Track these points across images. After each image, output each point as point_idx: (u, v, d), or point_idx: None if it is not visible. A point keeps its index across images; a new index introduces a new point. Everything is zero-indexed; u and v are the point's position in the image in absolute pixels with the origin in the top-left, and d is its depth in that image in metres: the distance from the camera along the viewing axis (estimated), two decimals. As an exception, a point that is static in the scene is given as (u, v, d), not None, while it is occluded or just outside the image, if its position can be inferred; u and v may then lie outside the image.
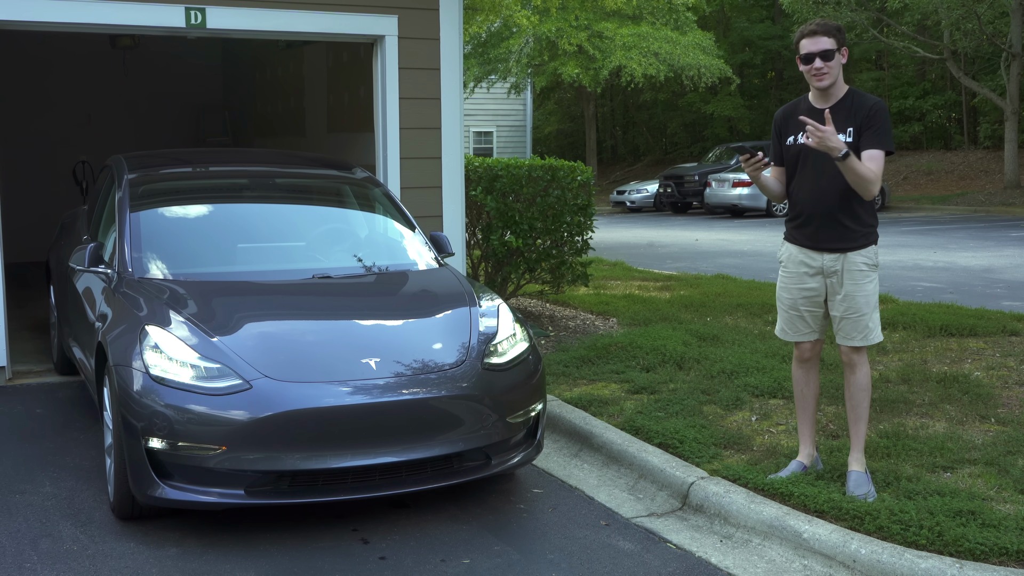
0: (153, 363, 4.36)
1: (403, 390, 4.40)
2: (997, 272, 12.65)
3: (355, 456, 4.28)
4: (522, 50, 28.40)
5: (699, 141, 40.05)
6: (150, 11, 7.05)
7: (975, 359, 6.84)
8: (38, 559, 4.19)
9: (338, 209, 6.45)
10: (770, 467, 4.91)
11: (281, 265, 5.63)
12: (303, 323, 5.01)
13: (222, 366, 4.33)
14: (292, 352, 4.53)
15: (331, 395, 4.29)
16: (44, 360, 7.63)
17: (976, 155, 31.31)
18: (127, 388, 4.37)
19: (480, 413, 4.54)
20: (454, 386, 4.50)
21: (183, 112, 13.77)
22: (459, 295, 5.25)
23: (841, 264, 4.53)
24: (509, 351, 4.82)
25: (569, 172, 9.47)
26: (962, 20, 26.13)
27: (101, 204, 6.35)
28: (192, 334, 4.52)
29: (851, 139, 4.45)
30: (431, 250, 5.97)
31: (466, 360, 4.63)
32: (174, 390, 4.26)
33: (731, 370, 6.59)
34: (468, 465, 4.57)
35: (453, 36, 7.90)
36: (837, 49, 4.48)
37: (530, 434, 4.84)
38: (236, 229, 5.90)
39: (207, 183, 6.40)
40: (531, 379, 4.82)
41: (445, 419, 4.47)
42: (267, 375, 4.30)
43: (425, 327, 5.00)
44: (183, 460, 4.22)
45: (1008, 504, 4.39)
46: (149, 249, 5.41)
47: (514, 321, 5.07)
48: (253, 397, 4.22)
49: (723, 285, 10.82)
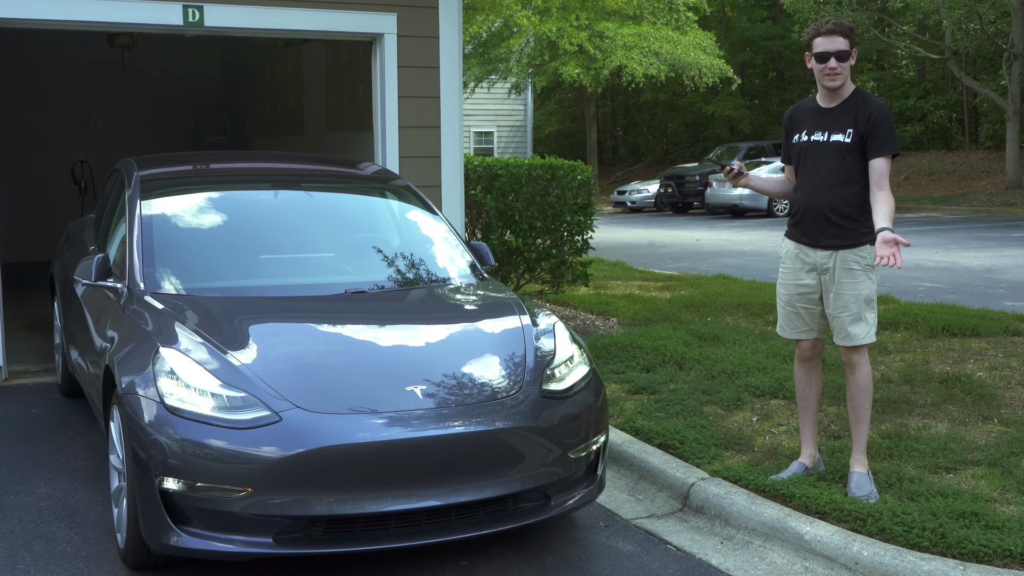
0: (168, 391, 3.84)
1: (453, 422, 3.87)
2: (999, 272, 12.61)
3: (399, 499, 3.75)
4: (523, 50, 28.37)
5: (700, 141, 40.06)
6: (148, 9, 7.02)
7: (977, 359, 6.80)
8: (32, 561, 4.15)
9: (369, 216, 5.86)
10: (771, 468, 4.88)
11: (310, 279, 5.09)
12: (337, 345, 4.43)
13: (247, 395, 3.82)
14: (326, 379, 4.02)
15: (372, 429, 3.78)
16: (41, 360, 7.59)
17: (977, 155, 31.28)
18: (138, 419, 3.85)
19: (539, 447, 4.01)
20: (511, 417, 3.98)
21: (182, 111, 13.75)
22: (509, 312, 4.69)
23: (833, 262, 4.52)
24: (568, 376, 4.30)
25: (569, 171, 9.44)
26: (963, 20, 26.10)
27: (109, 212, 5.87)
28: (212, 358, 4.00)
29: (849, 139, 4.46)
30: (473, 261, 5.45)
31: (523, 387, 4.11)
32: (192, 423, 3.74)
33: (732, 370, 6.56)
34: (525, 507, 4.05)
35: (452, 34, 7.87)
36: (850, 50, 4.48)
37: (590, 470, 4.31)
38: (258, 238, 5.33)
39: (225, 188, 5.79)
40: (593, 407, 4.29)
41: (500, 455, 3.94)
42: (299, 405, 3.79)
43: (474, 349, 4.41)
44: (203, 503, 3.70)
45: (1012, 506, 4.35)
46: (163, 261, 4.87)
47: (572, 341, 4.55)
48: (283, 431, 3.71)
49: (724, 285, 10.79)
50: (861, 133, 4.44)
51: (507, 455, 3.96)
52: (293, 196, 5.82)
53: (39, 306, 9.43)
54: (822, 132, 4.55)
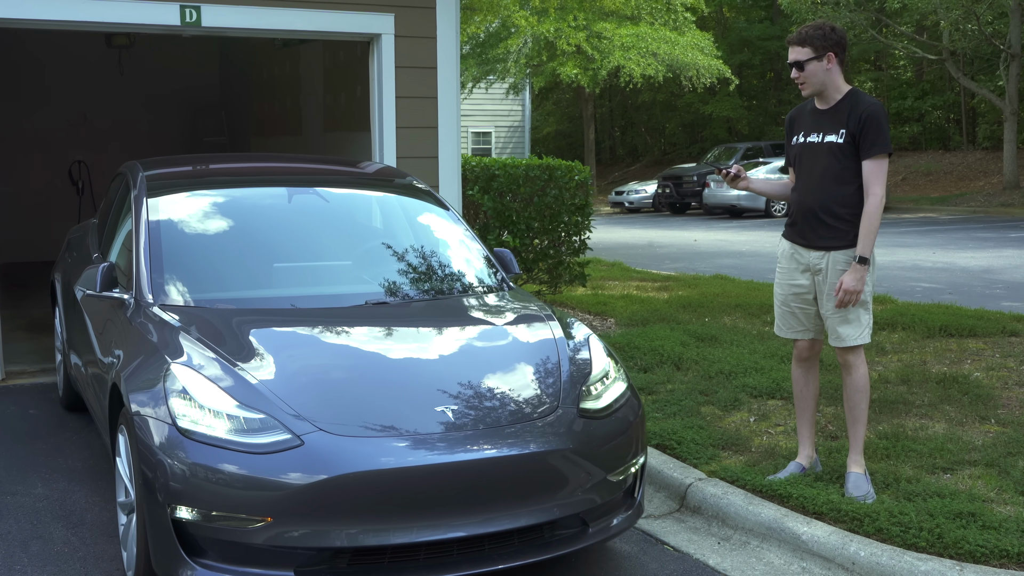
0: (181, 412, 3.59)
1: (487, 446, 3.63)
2: (996, 273, 12.62)
3: (429, 528, 3.50)
4: (520, 50, 28.38)
5: (698, 142, 40.07)
6: (145, 9, 7.01)
7: (975, 360, 6.80)
8: (28, 561, 4.15)
9: (386, 220, 5.55)
10: (768, 468, 4.88)
11: (327, 289, 4.82)
12: (360, 361, 4.13)
13: (266, 416, 3.57)
14: (351, 398, 3.77)
15: (401, 453, 3.53)
16: (38, 360, 7.59)
17: (975, 156, 31.30)
18: (148, 443, 3.59)
19: (577, 471, 3.77)
20: (547, 439, 3.74)
21: (179, 111, 13.74)
22: (541, 325, 4.44)
23: (826, 262, 4.53)
24: (605, 393, 4.06)
25: (567, 172, 9.44)
26: (961, 20, 26.11)
27: (114, 218, 5.59)
28: (227, 375, 3.75)
29: (841, 140, 4.47)
30: (498, 270, 5.17)
31: (559, 406, 3.86)
32: (207, 446, 3.48)
33: (729, 371, 6.56)
34: (562, 534, 3.81)
35: (450, 35, 7.87)
36: (815, 57, 4.46)
37: (628, 493, 4.08)
38: (272, 245, 5.05)
39: (236, 192, 5.47)
40: (632, 427, 4.04)
41: (537, 480, 3.70)
42: (322, 428, 3.54)
43: (506, 366, 4.15)
44: (219, 534, 3.46)
45: (1008, 506, 4.35)
46: (171, 270, 4.59)
47: (607, 355, 4.31)
48: (305, 456, 3.46)
49: (721, 285, 10.79)
50: (853, 133, 4.44)
51: (544, 480, 3.72)
52: (306, 200, 5.49)
53: (36, 306, 9.43)
54: (817, 133, 4.56)
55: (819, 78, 4.49)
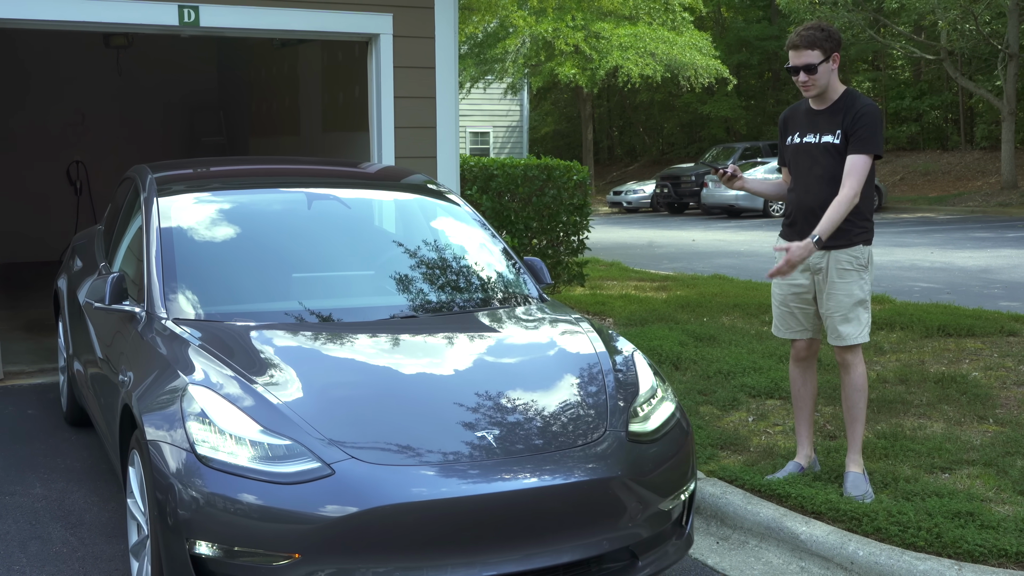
0: (199, 437, 3.32)
1: (532, 474, 3.37)
2: (994, 272, 12.63)
3: (469, 565, 3.24)
4: (518, 50, 28.38)
5: (696, 142, 40.09)
6: (143, 9, 7.01)
7: (973, 359, 6.81)
8: (27, 561, 4.15)
9: (413, 228, 5.22)
10: (767, 468, 4.88)
11: (350, 301, 4.51)
12: (392, 380, 3.81)
13: (292, 442, 3.30)
14: (383, 422, 3.49)
15: (439, 483, 3.26)
16: (36, 361, 7.58)
17: (973, 156, 31.32)
18: (164, 471, 3.32)
19: (627, 501, 3.50)
20: (596, 466, 3.47)
21: (177, 111, 13.74)
22: (582, 340, 4.18)
23: (826, 262, 4.53)
24: (654, 414, 3.80)
25: (565, 171, 9.45)
26: (959, 20, 26.14)
27: (122, 225, 5.29)
28: (249, 396, 3.49)
29: (838, 140, 4.47)
30: (530, 280, 4.89)
31: (607, 430, 3.61)
32: (228, 476, 3.22)
33: (728, 370, 6.56)
34: (610, 568, 3.53)
35: (448, 35, 7.88)
36: (824, 60, 4.46)
37: (678, 522, 3.80)
38: (290, 254, 4.76)
39: (252, 197, 5.16)
40: (682, 450, 3.78)
41: (585, 511, 3.42)
42: (353, 455, 3.27)
43: (549, 385, 3.86)
44: (242, 571, 3.21)
45: (1007, 505, 4.36)
46: (185, 281, 4.31)
47: (653, 372, 4.06)
48: (337, 486, 3.19)
49: (720, 285, 10.79)
50: (847, 133, 4.45)
51: (592, 511, 3.44)
52: (325, 205, 5.16)
53: (34, 307, 9.43)
54: (813, 134, 4.56)
55: (826, 79, 4.50)
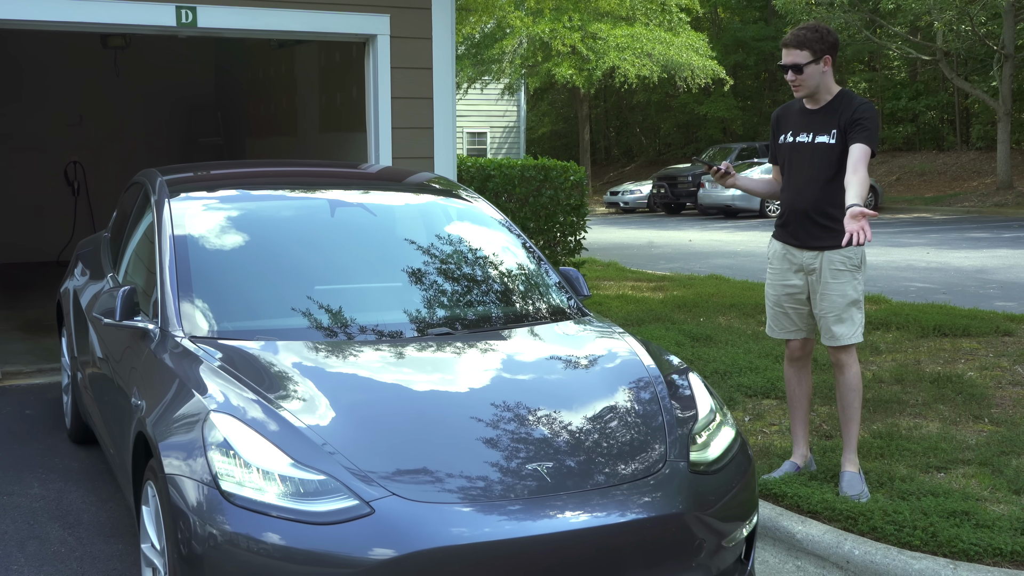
0: (223, 471, 3.00)
1: (589, 512, 3.05)
2: (990, 273, 12.65)
3: None
4: (516, 51, 28.37)
5: (692, 142, 40.09)
6: (141, 10, 7.02)
7: (968, 359, 6.83)
8: (25, 561, 4.15)
9: (444, 238, 4.80)
10: (763, 467, 4.89)
11: (379, 316, 4.08)
12: (430, 405, 3.47)
13: (326, 477, 2.98)
14: (427, 454, 3.16)
15: (491, 523, 2.95)
16: (34, 361, 7.58)
17: (969, 156, 31.36)
18: (182, 507, 3.02)
19: (690, 539, 3.19)
20: (656, 502, 3.15)
21: (175, 112, 13.74)
22: (632, 359, 3.89)
23: (820, 262, 4.54)
24: (714, 442, 3.49)
25: (562, 172, 9.47)
26: (955, 21, 26.17)
27: (130, 233, 4.98)
28: (276, 423, 3.18)
29: (834, 140, 4.48)
30: (569, 294, 4.55)
31: (666, 460, 3.30)
32: (255, 514, 2.91)
33: (724, 370, 6.58)
34: None
35: (445, 35, 7.89)
36: (813, 60, 4.47)
37: (739, 558, 3.46)
38: (312, 265, 4.40)
39: (270, 204, 4.81)
40: (744, 480, 3.47)
41: (644, 552, 3.12)
42: (395, 492, 2.96)
43: (600, 410, 3.53)
44: None
45: (1002, 504, 4.37)
46: (203, 295, 3.98)
47: (710, 393, 3.78)
48: (378, 527, 2.88)
49: (716, 285, 10.81)
50: (846, 129, 4.45)
51: (652, 551, 3.13)
52: (346, 212, 4.79)
53: (32, 307, 9.44)
54: (807, 133, 4.57)
55: (815, 80, 4.51)
